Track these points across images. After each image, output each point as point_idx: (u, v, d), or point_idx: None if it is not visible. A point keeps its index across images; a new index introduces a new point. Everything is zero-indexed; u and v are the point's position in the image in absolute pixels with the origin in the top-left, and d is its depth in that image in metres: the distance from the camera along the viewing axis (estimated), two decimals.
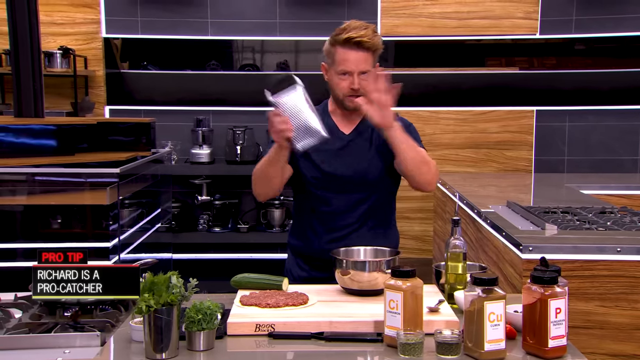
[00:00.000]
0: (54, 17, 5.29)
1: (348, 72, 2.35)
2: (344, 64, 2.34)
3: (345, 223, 2.43)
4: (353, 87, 2.35)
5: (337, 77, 2.38)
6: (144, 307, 1.64)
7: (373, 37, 2.33)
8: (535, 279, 1.69)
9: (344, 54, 2.34)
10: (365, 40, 2.31)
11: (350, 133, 2.46)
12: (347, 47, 2.33)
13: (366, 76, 2.33)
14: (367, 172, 2.42)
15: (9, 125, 3.62)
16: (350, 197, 2.43)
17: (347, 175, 2.41)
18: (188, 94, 5.37)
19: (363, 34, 2.31)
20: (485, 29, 5.31)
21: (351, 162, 2.42)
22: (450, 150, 5.41)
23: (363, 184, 2.42)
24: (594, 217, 3.16)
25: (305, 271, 2.52)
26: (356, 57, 2.33)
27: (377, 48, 2.36)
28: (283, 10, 5.28)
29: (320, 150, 2.40)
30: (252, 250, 5.19)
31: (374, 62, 2.38)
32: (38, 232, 3.68)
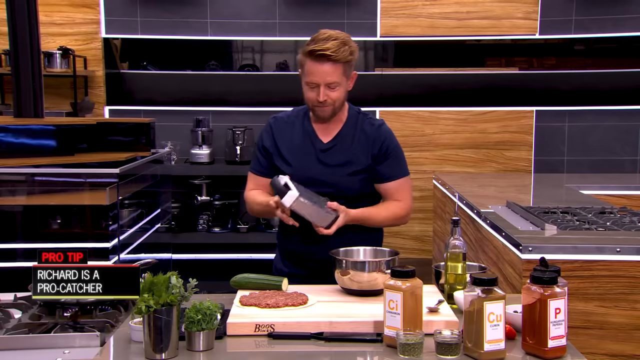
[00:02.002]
0: (54, 17, 5.29)
1: (315, 84, 2.35)
2: (310, 75, 2.36)
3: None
4: (319, 100, 2.36)
5: (306, 87, 2.40)
6: (144, 308, 1.64)
7: (339, 49, 2.31)
8: (535, 279, 1.69)
9: (311, 66, 2.35)
10: (329, 54, 2.30)
11: (329, 142, 2.47)
12: (313, 59, 2.33)
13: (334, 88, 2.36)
14: (342, 182, 2.43)
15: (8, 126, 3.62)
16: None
17: (323, 183, 2.42)
18: (188, 94, 5.37)
19: (328, 46, 2.30)
20: (485, 29, 5.32)
21: (324, 173, 2.44)
22: (450, 151, 5.41)
23: (339, 193, 2.42)
24: (594, 217, 3.17)
25: (288, 268, 2.56)
26: (321, 70, 2.33)
27: (346, 60, 2.35)
28: (283, 11, 5.28)
29: (297, 159, 2.45)
30: (252, 250, 5.18)
31: (344, 72, 2.37)
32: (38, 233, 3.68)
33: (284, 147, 2.49)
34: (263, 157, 2.53)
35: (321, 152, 2.46)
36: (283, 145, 2.49)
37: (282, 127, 2.52)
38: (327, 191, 2.40)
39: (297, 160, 2.46)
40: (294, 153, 2.47)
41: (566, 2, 5.23)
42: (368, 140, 2.46)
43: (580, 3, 5.22)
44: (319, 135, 2.48)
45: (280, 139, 2.50)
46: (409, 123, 5.33)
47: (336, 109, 2.42)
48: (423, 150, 5.37)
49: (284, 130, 2.51)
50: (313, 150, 2.46)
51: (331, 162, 2.44)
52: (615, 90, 5.32)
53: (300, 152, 2.46)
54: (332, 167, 2.44)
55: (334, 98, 2.37)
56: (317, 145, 2.47)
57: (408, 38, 5.29)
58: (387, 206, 2.49)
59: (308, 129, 2.48)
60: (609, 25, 5.22)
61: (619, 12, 5.22)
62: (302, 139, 2.48)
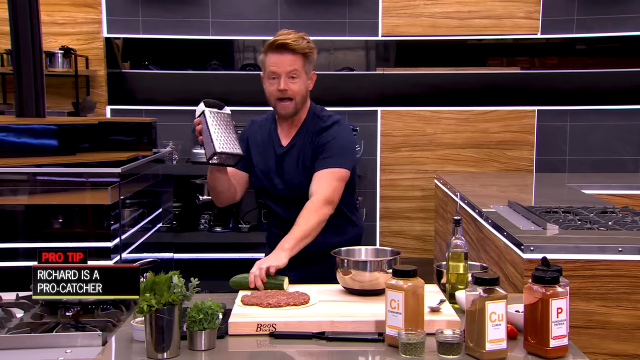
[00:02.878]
0: (56, 17, 5.29)
1: (275, 74, 2.41)
2: (270, 66, 2.42)
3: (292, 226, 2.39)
4: (280, 89, 2.40)
5: (267, 82, 2.46)
6: (146, 307, 1.64)
7: (298, 39, 2.40)
8: (537, 278, 1.69)
9: (271, 58, 2.42)
10: (288, 42, 2.37)
11: (287, 144, 2.52)
12: (273, 51, 2.41)
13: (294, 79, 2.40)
14: (300, 185, 2.46)
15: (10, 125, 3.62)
16: (291, 204, 2.47)
17: (284, 188, 2.49)
18: (189, 94, 5.37)
19: (288, 37, 2.39)
20: (487, 29, 5.31)
21: (286, 176, 2.50)
22: (452, 150, 5.40)
23: (299, 193, 2.45)
24: (596, 217, 3.16)
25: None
26: (282, 59, 2.39)
27: (305, 52, 2.41)
28: (284, 10, 5.28)
29: (262, 164, 2.53)
30: (253, 249, 5.18)
31: (305, 66, 2.43)
32: (39, 232, 3.68)
33: (253, 148, 2.57)
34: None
35: (279, 156, 2.52)
36: (252, 146, 2.58)
37: (255, 129, 2.61)
38: (286, 193, 2.49)
39: (261, 163, 2.54)
40: (259, 156, 2.55)
41: (568, 2, 5.23)
42: (315, 141, 2.47)
43: (582, 3, 5.21)
44: (280, 138, 2.54)
45: (251, 140, 2.59)
46: (410, 123, 5.33)
47: (297, 105, 2.45)
48: (424, 149, 5.37)
49: (255, 132, 2.60)
50: (273, 153, 2.53)
51: (286, 166, 2.50)
52: (617, 89, 5.32)
53: (263, 155, 2.54)
54: (287, 170, 2.50)
55: (295, 90, 2.42)
56: (276, 148, 2.53)
57: (409, 37, 5.28)
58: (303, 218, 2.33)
59: (272, 132, 2.56)
60: (610, 24, 5.22)
61: (621, 12, 5.21)
62: (266, 142, 2.55)
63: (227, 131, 2.35)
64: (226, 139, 2.33)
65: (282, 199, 2.52)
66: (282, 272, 2.19)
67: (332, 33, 5.27)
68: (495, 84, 5.38)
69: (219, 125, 2.35)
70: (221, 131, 2.33)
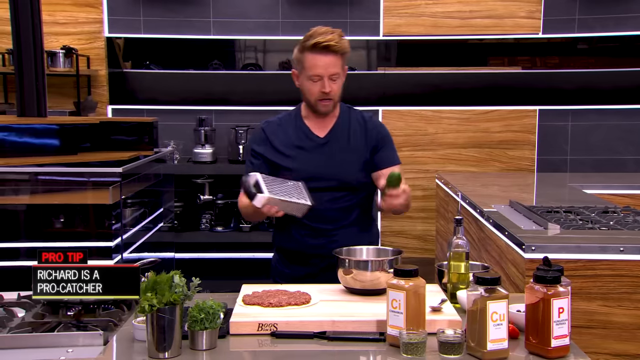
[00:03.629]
0: (57, 16, 5.29)
1: (318, 77, 2.41)
2: (313, 69, 2.41)
3: (325, 222, 2.47)
4: (324, 91, 2.41)
5: (308, 82, 2.44)
6: (147, 307, 1.64)
7: (340, 40, 2.41)
8: (538, 278, 1.69)
9: (313, 59, 2.40)
10: (333, 44, 2.38)
11: (325, 136, 2.51)
12: (316, 52, 2.39)
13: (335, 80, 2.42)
14: (342, 174, 2.47)
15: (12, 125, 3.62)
16: (328, 198, 2.45)
17: (323, 177, 2.46)
18: (191, 94, 5.37)
19: (330, 38, 2.38)
20: (488, 28, 5.31)
21: (326, 165, 2.47)
22: (453, 150, 5.40)
23: (339, 186, 2.47)
24: (597, 216, 3.16)
25: (288, 267, 2.57)
26: (325, 61, 2.39)
27: (345, 51, 2.44)
28: (285, 10, 5.28)
29: (298, 155, 2.48)
30: (255, 249, 5.19)
31: (342, 65, 2.45)
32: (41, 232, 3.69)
33: (281, 146, 2.51)
34: (255, 158, 2.54)
35: (320, 147, 2.50)
36: (280, 144, 2.52)
37: (275, 129, 2.56)
38: (331, 184, 2.45)
39: (297, 156, 2.49)
40: (293, 150, 2.50)
41: (569, 1, 5.22)
42: (362, 130, 2.53)
43: (583, 2, 5.21)
44: (314, 132, 2.52)
45: (274, 139, 2.53)
46: (411, 122, 5.33)
47: (335, 103, 2.49)
48: (426, 149, 5.36)
49: (277, 131, 2.55)
50: (311, 145, 2.50)
51: (331, 155, 2.48)
52: (619, 89, 5.31)
53: (298, 149, 2.50)
54: (333, 159, 2.48)
55: (336, 90, 2.45)
56: (314, 140, 2.51)
57: (411, 37, 5.28)
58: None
59: (303, 128, 2.53)
60: (612, 24, 5.21)
61: (622, 11, 5.21)
62: (298, 137, 2.52)
63: (289, 186, 2.33)
64: (297, 191, 2.33)
65: (319, 190, 2.43)
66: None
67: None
68: (497, 83, 5.38)
69: (281, 187, 2.30)
70: (288, 189, 2.31)
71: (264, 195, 2.20)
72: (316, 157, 2.49)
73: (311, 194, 2.38)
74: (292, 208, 2.29)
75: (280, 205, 2.25)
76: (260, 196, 2.20)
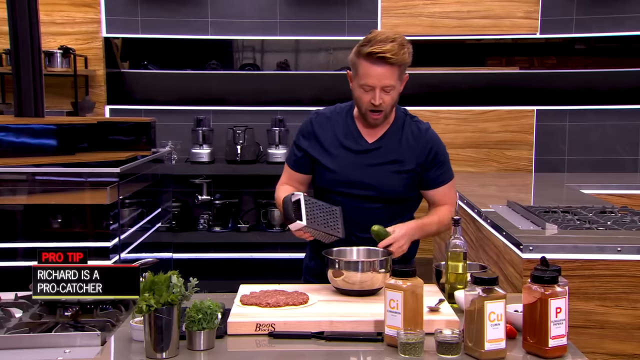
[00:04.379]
0: (54, 16, 5.29)
1: (370, 87, 2.26)
2: (365, 78, 2.25)
3: (360, 230, 2.35)
4: (374, 102, 2.27)
5: (359, 89, 2.29)
6: (145, 307, 1.64)
7: (399, 51, 2.24)
8: (536, 278, 1.69)
9: (367, 68, 2.24)
10: (389, 57, 2.21)
11: (373, 142, 2.39)
12: (370, 61, 2.23)
13: (389, 92, 2.28)
14: (382, 186, 2.35)
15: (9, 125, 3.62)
16: (368, 205, 2.36)
17: (364, 184, 2.35)
18: (188, 94, 5.37)
19: (387, 48, 2.21)
20: (486, 29, 5.31)
21: (368, 174, 2.36)
22: (451, 150, 5.33)
23: (377, 197, 2.36)
24: (594, 216, 3.16)
25: (319, 265, 2.46)
26: (378, 73, 2.24)
27: (403, 63, 2.28)
28: (283, 10, 5.28)
29: (342, 157, 2.38)
30: (253, 249, 5.19)
31: (399, 75, 2.30)
32: (38, 232, 3.68)
33: (326, 142, 2.40)
34: (299, 151, 2.45)
35: (365, 153, 2.38)
36: (326, 140, 2.41)
37: (324, 122, 2.44)
38: (368, 194, 2.35)
39: (340, 157, 2.38)
40: (337, 150, 2.39)
41: (567, 2, 5.23)
42: (416, 144, 2.40)
43: (580, 2, 5.21)
44: (363, 135, 2.39)
45: (322, 133, 2.42)
46: None
47: (387, 115, 2.34)
48: None
49: (325, 125, 2.43)
50: (357, 149, 2.38)
51: (375, 163, 2.36)
52: (616, 89, 5.32)
53: (343, 150, 2.38)
54: (376, 168, 2.36)
55: (388, 102, 2.29)
56: (362, 144, 2.39)
57: (408, 37, 5.26)
58: (439, 214, 2.42)
59: (352, 128, 2.40)
60: (609, 24, 5.22)
61: (620, 12, 5.21)
62: (345, 137, 2.40)
63: (327, 212, 2.29)
64: (334, 220, 2.29)
65: (356, 197, 2.37)
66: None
67: (331, 33, 5.27)
68: (494, 83, 5.38)
69: (319, 214, 2.27)
70: (325, 217, 2.28)
71: (301, 223, 2.17)
72: (360, 163, 2.36)
73: (347, 200, 2.34)
74: (323, 236, 2.25)
75: (314, 234, 2.23)
76: (297, 223, 2.18)
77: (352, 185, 2.35)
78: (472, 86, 5.38)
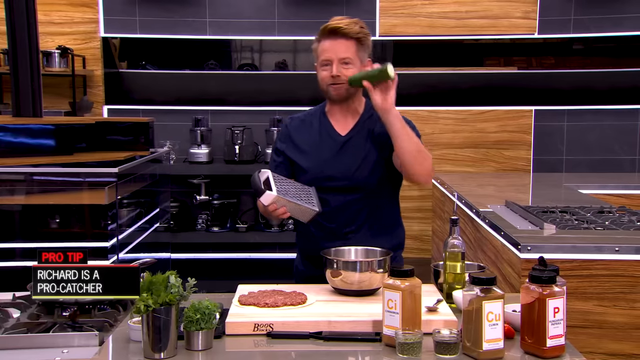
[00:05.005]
0: (52, 16, 5.28)
1: (328, 61, 2.37)
2: (323, 53, 2.38)
3: (344, 223, 2.42)
4: (332, 75, 2.36)
5: (320, 69, 2.41)
6: (143, 307, 1.64)
7: (352, 24, 2.38)
8: (534, 278, 1.69)
9: (324, 44, 2.39)
10: (341, 27, 2.35)
11: (347, 134, 2.45)
12: (325, 37, 2.39)
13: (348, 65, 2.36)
14: (362, 173, 2.41)
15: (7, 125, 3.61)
16: (348, 197, 2.41)
17: (342, 177, 2.41)
18: (186, 94, 5.37)
19: (340, 22, 2.37)
20: (484, 29, 5.32)
21: (346, 164, 2.42)
22: (449, 150, 5.41)
23: (359, 185, 2.41)
24: (593, 216, 3.17)
25: (308, 268, 2.53)
26: (334, 45, 2.36)
27: (358, 36, 2.38)
28: (281, 10, 5.28)
29: (316, 153, 2.44)
30: (251, 249, 5.18)
31: (359, 53, 2.38)
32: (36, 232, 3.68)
33: (302, 143, 2.47)
34: (278, 156, 2.51)
35: (339, 145, 2.44)
36: (301, 142, 2.48)
37: (298, 125, 2.52)
38: (342, 185, 2.40)
39: (316, 154, 2.44)
40: (312, 148, 2.45)
41: (565, 2, 5.23)
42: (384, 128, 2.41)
43: (579, 2, 5.22)
44: (336, 129, 2.46)
45: (297, 136, 2.49)
46: None
47: (349, 90, 2.39)
48: None
49: (300, 128, 2.51)
50: (331, 143, 2.44)
51: (350, 155, 2.42)
52: (614, 89, 5.32)
53: (318, 147, 2.45)
54: (350, 159, 2.42)
55: (348, 75, 2.36)
56: (335, 138, 2.45)
57: (407, 37, 5.29)
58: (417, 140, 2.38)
59: (325, 124, 2.48)
60: (607, 24, 5.22)
61: (618, 12, 5.22)
62: (320, 134, 2.47)
63: (299, 188, 2.30)
64: (307, 195, 2.28)
65: (335, 190, 2.41)
66: None
67: None
68: (493, 83, 5.38)
69: (291, 188, 2.27)
70: (297, 191, 2.27)
71: (271, 194, 2.18)
72: (333, 156, 2.43)
73: (325, 194, 2.36)
74: (299, 211, 2.25)
75: (287, 206, 2.22)
76: (267, 193, 2.18)
77: (329, 179, 2.40)
78: (470, 86, 5.38)
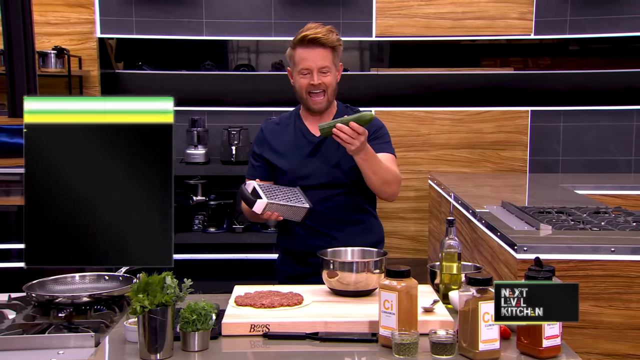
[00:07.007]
0: (48, 17, 5.27)
1: (307, 70, 2.43)
2: (303, 62, 2.44)
3: (324, 222, 2.48)
4: (312, 83, 2.43)
5: (298, 77, 2.47)
6: (139, 308, 1.63)
7: (328, 33, 2.44)
8: (530, 279, 1.69)
9: (302, 53, 2.44)
10: (320, 37, 2.41)
11: (320, 135, 2.48)
12: (304, 46, 2.44)
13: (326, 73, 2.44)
14: (337, 173, 2.48)
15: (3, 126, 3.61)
16: (322, 197, 2.47)
17: (319, 177, 2.48)
18: (183, 94, 5.36)
19: (318, 31, 2.43)
20: (480, 30, 5.32)
21: (321, 165, 2.49)
22: (446, 151, 5.41)
23: (336, 184, 2.48)
24: (588, 217, 3.17)
25: (291, 267, 2.58)
26: (313, 54, 2.43)
27: (334, 45, 2.46)
28: (278, 11, 5.28)
29: (293, 154, 2.51)
30: (247, 250, 5.18)
31: (334, 60, 2.48)
32: None
33: (278, 145, 2.55)
34: (256, 161, 2.59)
35: (315, 146, 2.51)
36: (277, 144, 2.56)
37: (273, 128, 2.60)
38: (321, 182, 2.47)
39: (292, 155, 2.52)
40: (289, 150, 2.53)
41: (561, 3, 5.24)
42: None
43: (575, 3, 5.23)
44: (311, 130, 2.54)
45: (273, 140, 2.57)
46: (404, 123, 5.34)
47: (329, 98, 2.49)
48: (418, 150, 5.37)
49: (275, 131, 2.59)
50: (307, 145, 2.52)
51: (325, 154, 2.50)
52: (610, 90, 5.33)
53: (294, 149, 2.52)
54: (327, 158, 2.50)
55: (328, 83, 2.45)
56: (310, 139, 2.53)
57: (403, 38, 5.29)
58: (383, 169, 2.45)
59: (300, 127, 2.55)
60: (603, 25, 5.23)
61: (614, 13, 5.23)
62: (295, 137, 2.54)
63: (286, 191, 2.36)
64: (295, 195, 2.36)
65: (314, 188, 2.47)
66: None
67: None
68: (489, 84, 5.39)
69: (278, 193, 2.34)
70: (285, 194, 2.34)
71: (262, 201, 2.25)
72: (310, 157, 2.50)
73: (306, 194, 2.40)
74: (291, 212, 2.32)
75: (280, 209, 2.29)
76: (259, 202, 2.25)
77: (306, 179, 2.47)
78: (467, 87, 5.39)
